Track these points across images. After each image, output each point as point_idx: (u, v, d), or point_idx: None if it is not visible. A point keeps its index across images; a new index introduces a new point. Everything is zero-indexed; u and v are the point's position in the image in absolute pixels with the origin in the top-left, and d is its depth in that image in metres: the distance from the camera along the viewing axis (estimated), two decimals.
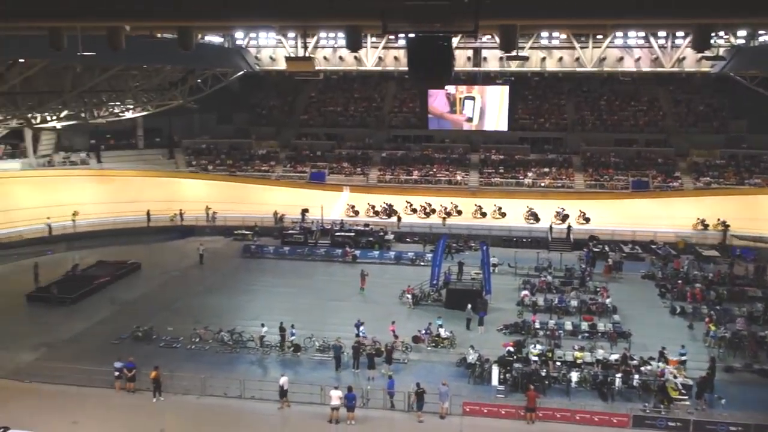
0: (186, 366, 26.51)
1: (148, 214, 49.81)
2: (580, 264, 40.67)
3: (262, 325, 29.08)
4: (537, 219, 48.91)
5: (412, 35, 11.23)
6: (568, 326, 30.91)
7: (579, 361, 26.40)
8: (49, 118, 43.08)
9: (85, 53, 12.49)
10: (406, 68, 11.69)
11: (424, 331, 29.39)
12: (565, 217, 48.37)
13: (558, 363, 26.29)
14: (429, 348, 28.91)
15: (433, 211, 50.81)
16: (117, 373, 24.68)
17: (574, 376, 25.19)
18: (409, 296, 34.66)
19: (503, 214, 49.97)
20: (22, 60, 31.14)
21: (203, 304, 34.90)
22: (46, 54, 26.34)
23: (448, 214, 50.21)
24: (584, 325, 30.98)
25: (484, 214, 50.20)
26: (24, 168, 51.80)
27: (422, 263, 41.68)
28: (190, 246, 45.93)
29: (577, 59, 45.82)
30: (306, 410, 23.33)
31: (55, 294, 34.70)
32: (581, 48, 45.33)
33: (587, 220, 48.24)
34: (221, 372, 25.64)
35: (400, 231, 48.67)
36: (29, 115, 40.84)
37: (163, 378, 24.30)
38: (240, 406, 23.71)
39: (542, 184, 53.40)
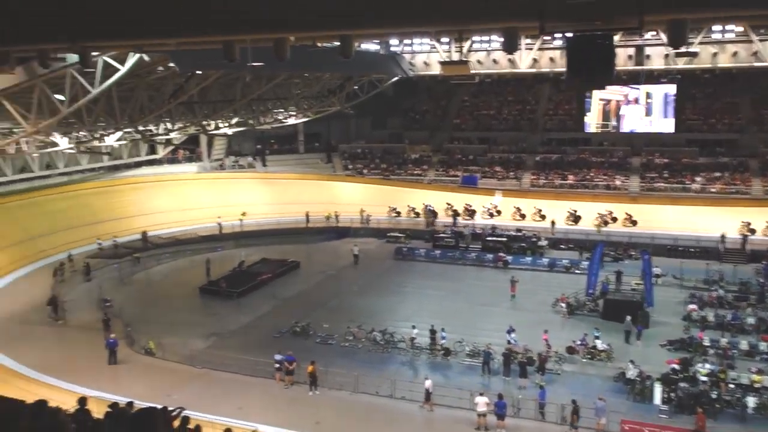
0: (340, 362, 27.44)
1: (307, 215, 52.21)
2: (758, 278, 37.15)
3: (413, 327, 29.49)
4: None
5: (570, 34, 10.85)
6: (744, 345, 28.30)
7: (757, 385, 24.07)
8: (221, 125, 46.72)
9: (254, 64, 13.37)
10: (563, 69, 11.28)
11: (579, 342, 28.31)
12: (752, 230, 44.05)
13: (731, 385, 24.18)
14: (584, 360, 27.80)
15: (579, 218, 48.57)
16: (277, 365, 26.05)
17: (751, 401, 22.96)
18: (563, 305, 33.56)
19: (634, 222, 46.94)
20: (199, 72, 33.88)
21: (357, 303, 35.98)
22: (220, 65, 28.58)
23: (605, 222, 47.81)
24: (763, 346, 28.18)
25: (634, 222, 47.36)
26: (199, 171, 56.54)
27: (577, 271, 40.19)
28: (345, 247, 47.54)
29: (755, 53, 41.98)
30: (453, 414, 23.31)
31: (223, 288, 37.36)
32: (761, 41, 41.47)
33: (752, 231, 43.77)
34: (373, 370, 26.29)
35: (555, 237, 47.22)
36: (204, 123, 44.44)
37: (318, 373, 25.35)
38: (391, 406, 24.16)
39: (712, 190, 49.44)
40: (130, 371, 27.37)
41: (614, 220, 47.91)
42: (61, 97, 28.74)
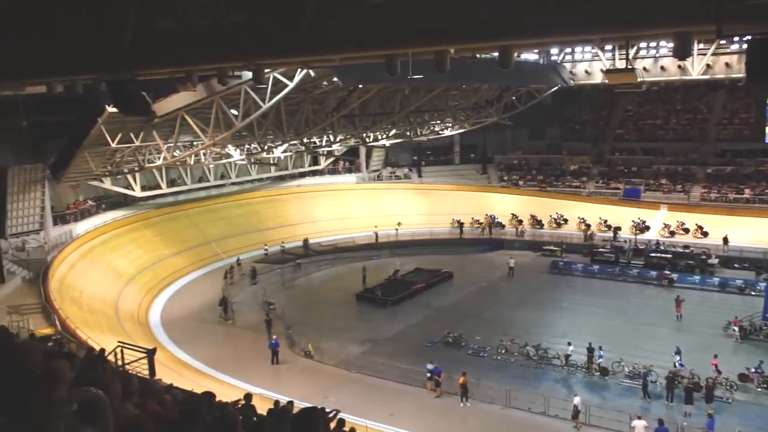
0: (491, 375, 27.17)
1: (460, 225, 52.24)
2: None
3: (569, 344, 28.51)
4: None
5: (750, 37, 10.09)
6: None
7: None
8: (380, 137, 48.23)
9: (414, 77, 13.69)
10: (740, 75, 10.49)
11: (754, 370, 25.92)
12: None
13: None
14: (759, 389, 25.42)
15: None
16: (428, 375, 26.29)
17: None
18: (736, 328, 30.91)
19: None
20: (361, 86, 35.23)
21: (510, 316, 35.47)
22: (382, 79, 29.57)
23: None
24: None
25: None
26: (358, 181, 58.65)
27: (753, 293, 36.87)
28: (499, 259, 47.04)
29: None
30: None
31: (378, 295, 38.38)
32: None
33: None
34: (525, 386, 25.71)
35: (726, 255, 43.61)
36: (364, 135, 46.10)
37: (470, 385, 25.28)
38: (543, 423, 23.55)
39: None
40: (290, 371, 28.89)
41: None
42: (235, 112, 31.20)
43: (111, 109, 28.34)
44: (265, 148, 40.94)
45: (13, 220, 35.32)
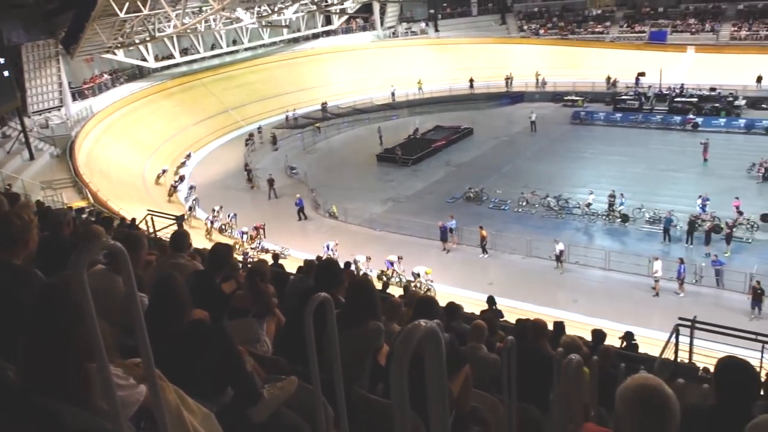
0: (513, 228, 27.79)
1: (471, 81, 51.06)
2: None
3: (590, 193, 28.79)
4: None
5: None
6: None
7: None
8: None
9: None
10: None
11: None
12: None
13: None
14: None
15: None
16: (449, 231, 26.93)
17: None
18: (762, 170, 30.71)
19: None
20: None
21: (531, 169, 35.52)
22: None
23: None
24: None
25: None
26: (373, 39, 56.93)
27: None
28: (520, 112, 46.40)
29: None
30: (630, 279, 23.03)
31: (399, 155, 38.51)
32: None
33: None
34: (546, 236, 26.18)
35: (756, 96, 42.42)
36: None
37: (491, 237, 25.97)
38: (563, 274, 24.33)
39: None
40: (317, 231, 29.82)
41: None
42: None
43: None
44: (275, 9, 39.65)
45: (33, 97, 35.50)
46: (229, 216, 29.58)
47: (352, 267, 20.77)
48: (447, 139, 41.46)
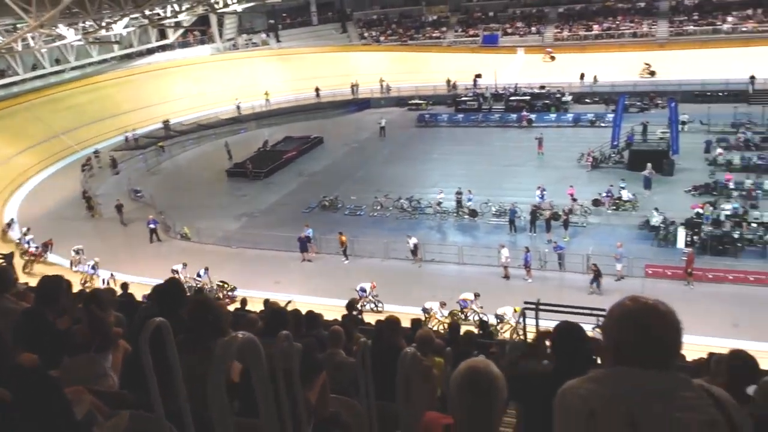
0: (369, 231, 28.13)
1: (317, 90, 51.24)
2: None
3: (440, 192, 29.88)
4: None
5: None
6: None
7: None
8: (229, 2, 45.15)
9: None
10: None
11: (605, 194, 28.40)
12: None
13: (754, 224, 24.37)
14: (609, 211, 28.03)
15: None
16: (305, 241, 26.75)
17: None
18: (589, 158, 33.34)
19: (652, 73, 46.16)
20: None
21: (383, 173, 36.22)
22: None
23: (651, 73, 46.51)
24: None
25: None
26: (213, 53, 55.49)
27: (602, 124, 39.56)
28: (367, 118, 47.21)
29: None
30: (483, 271, 24.06)
31: (250, 169, 37.74)
32: None
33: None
34: (402, 237, 26.63)
35: (579, 92, 46.10)
36: (212, 1, 42.99)
37: (349, 242, 26.11)
38: (422, 268, 24.97)
39: (744, 29, 47.00)
40: (169, 256, 28.32)
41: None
42: None
43: None
44: (103, 24, 37.29)
45: None
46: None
47: (423, 316, 19.00)
48: (298, 150, 41.26)
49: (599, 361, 2.08)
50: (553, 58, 49.84)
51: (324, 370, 4.16)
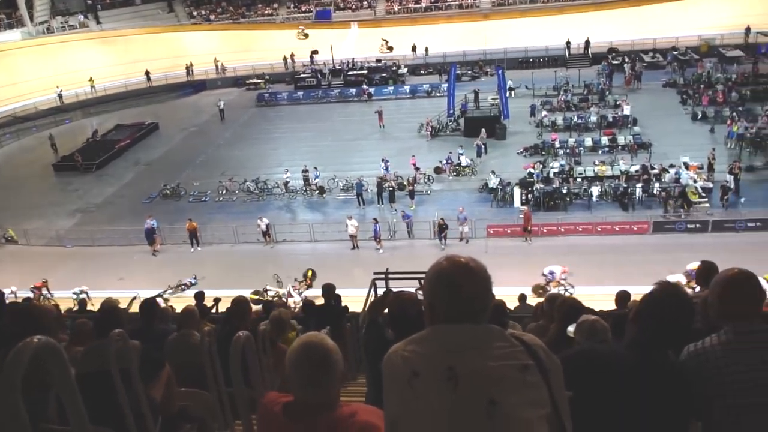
0: (217, 217, 27.42)
1: (147, 73, 48.72)
2: (599, 78, 39.54)
3: (286, 171, 29.62)
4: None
5: None
6: (588, 142, 30.80)
7: (601, 176, 26.59)
8: None
9: None
10: None
11: (445, 162, 29.58)
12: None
13: (579, 179, 26.54)
14: (451, 177, 29.27)
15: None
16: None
17: (595, 190, 25.56)
18: (429, 128, 34.48)
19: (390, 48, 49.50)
20: None
21: (225, 156, 35.25)
22: None
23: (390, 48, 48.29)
24: (604, 140, 30.80)
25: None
26: (24, 38, 50.57)
27: (438, 94, 40.98)
28: (205, 101, 45.64)
29: None
30: (334, 246, 24.35)
31: (80, 161, 35.25)
32: None
33: None
34: (251, 220, 26.24)
35: (414, 64, 47.41)
36: None
37: (198, 230, 25.28)
38: (275, 249, 24.75)
39: None
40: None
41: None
42: None
43: None
44: None
45: None
46: None
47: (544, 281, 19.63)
48: (131, 138, 39.00)
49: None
50: (306, 35, 50.78)
51: (166, 366, 4.01)
